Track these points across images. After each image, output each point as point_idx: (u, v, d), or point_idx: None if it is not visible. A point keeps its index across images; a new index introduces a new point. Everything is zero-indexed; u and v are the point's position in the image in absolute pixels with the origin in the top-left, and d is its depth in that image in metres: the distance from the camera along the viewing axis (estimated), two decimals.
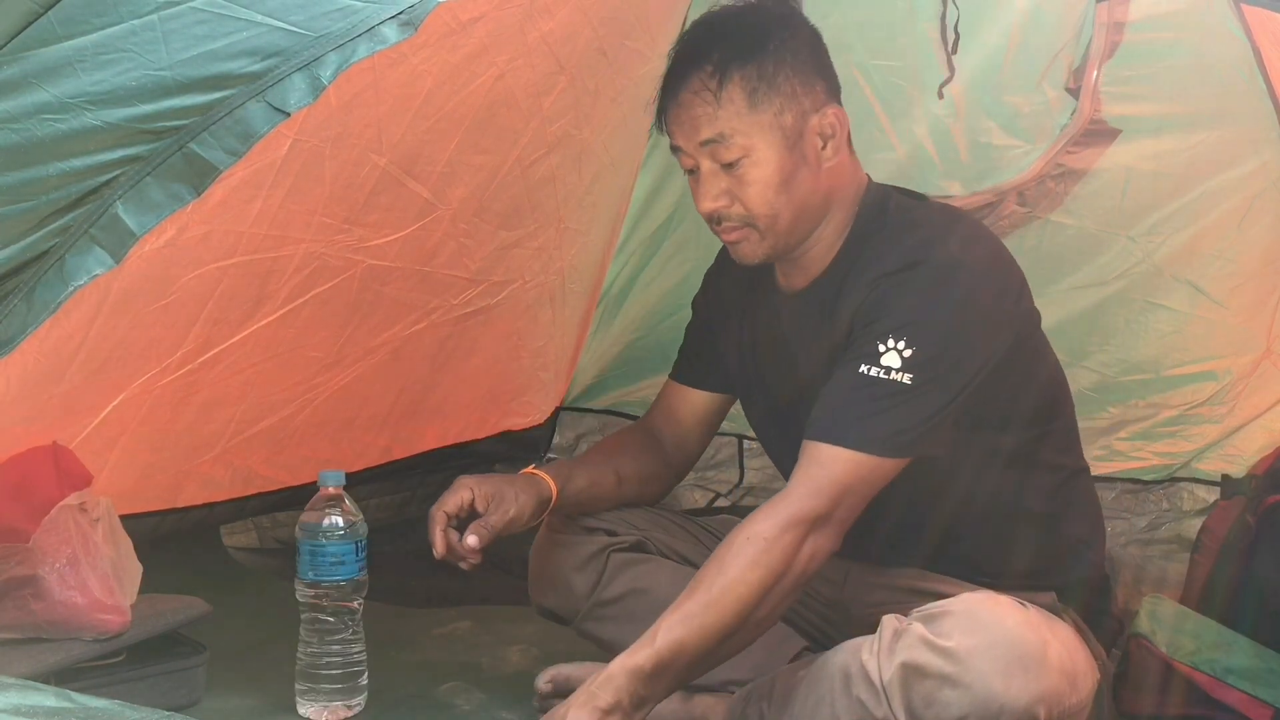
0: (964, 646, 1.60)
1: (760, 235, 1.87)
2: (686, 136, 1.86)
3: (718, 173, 1.84)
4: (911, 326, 1.75)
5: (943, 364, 1.75)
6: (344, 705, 1.93)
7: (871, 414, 1.74)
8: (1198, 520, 2.62)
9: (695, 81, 1.83)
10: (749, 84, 1.81)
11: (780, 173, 1.83)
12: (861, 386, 1.75)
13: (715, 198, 1.85)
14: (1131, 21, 2.58)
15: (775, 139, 1.82)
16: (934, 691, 1.60)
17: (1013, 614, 1.65)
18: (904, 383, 1.73)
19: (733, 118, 1.81)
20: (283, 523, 2.72)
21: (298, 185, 2.07)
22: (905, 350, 1.74)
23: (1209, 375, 2.75)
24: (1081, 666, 1.72)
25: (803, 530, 1.69)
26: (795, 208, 1.85)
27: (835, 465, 1.73)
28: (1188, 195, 2.66)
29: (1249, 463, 2.63)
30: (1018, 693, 1.58)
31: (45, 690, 1.48)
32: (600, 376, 3.30)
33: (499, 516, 1.90)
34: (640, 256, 3.14)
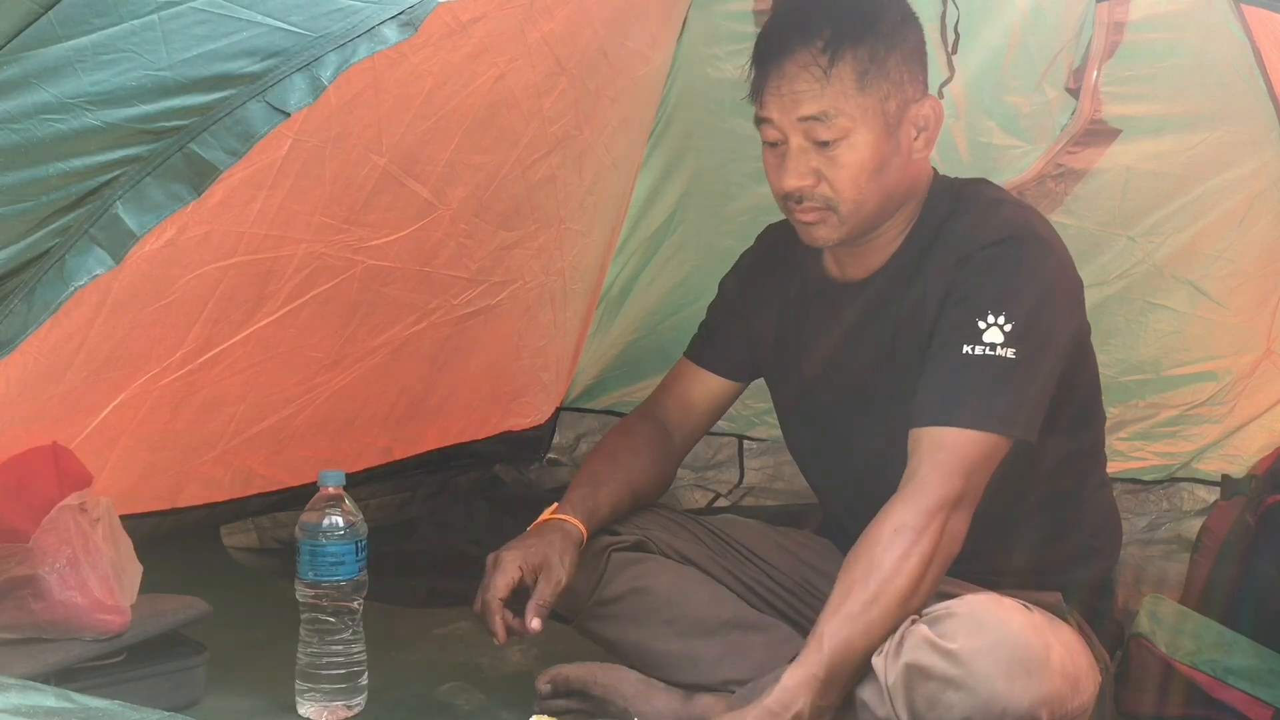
0: (967, 649, 1.60)
1: (840, 220, 1.84)
2: (784, 110, 1.81)
3: (808, 150, 1.81)
4: (1008, 300, 1.75)
5: (1040, 336, 1.76)
6: (344, 705, 1.93)
7: (984, 393, 1.73)
8: (1198, 520, 2.62)
9: (804, 54, 1.78)
10: (861, 65, 1.78)
11: (876, 159, 1.81)
12: (968, 367, 1.74)
13: (802, 175, 1.82)
14: (1132, 21, 2.58)
15: (877, 124, 1.80)
16: (937, 693, 1.59)
17: (1017, 617, 1.64)
18: (1009, 357, 1.73)
19: (839, 97, 1.78)
20: (283, 523, 2.72)
21: (298, 185, 2.07)
22: (1006, 325, 1.74)
23: (1209, 375, 2.75)
24: (1083, 669, 1.72)
25: (943, 517, 1.69)
26: (882, 195, 1.83)
27: (960, 447, 1.72)
28: (1188, 195, 2.66)
29: (1249, 463, 2.63)
30: (1020, 695, 1.58)
31: (45, 690, 1.48)
32: (600, 377, 3.30)
33: (550, 589, 1.86)
34: (640, 257, 3.14)
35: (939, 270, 1.82)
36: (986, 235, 1.80)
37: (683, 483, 3.08)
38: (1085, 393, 1.94)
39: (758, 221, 2.98)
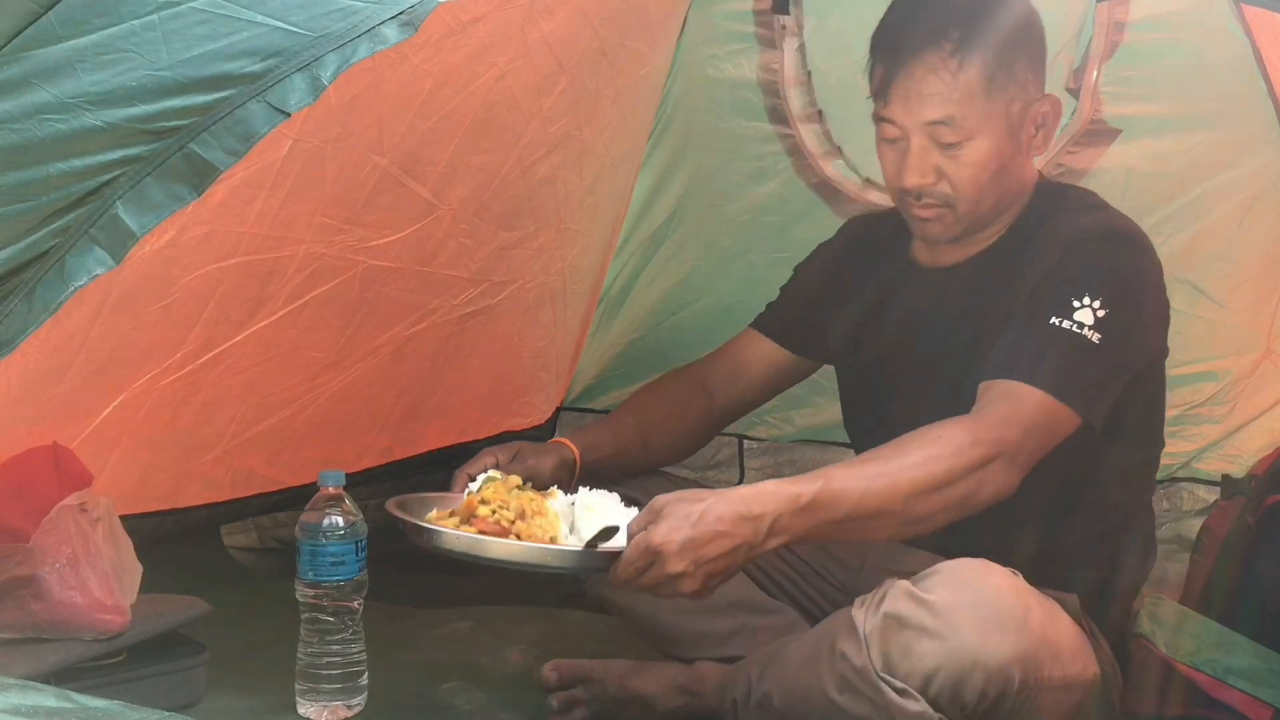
0: (945, 601, 1.60)
1: (956, 218, 1.87)
2: (909, 112, 1.82)
3: (930, 149, 1.83)
4: (1110, 289, 1.76)
5: (1129, 333, 1.77)
6: (344, 705, 1.92)
7: (1062, 364, 1.73)
8: (1198, 520, 2.62)
9: (932, 57, 1.80)
10: (988, 69, 1.79)
11: (997, 159, 1.83)
12: (1053, 337, 1.74)
13: (923, 174, 1.84)
14: (1132, 21, 2.58)
15: (1000, 127, 1.82)
16: (912, 642, 1.59)
17: (998, 577, 1.64)
18: (1093, 341, 1.74)
19: (965, 102, 1.80)
20: (283, 523, 2.72)
21: (298, 185, 2.07)
22: (1100, 310, 1.74)
23: (1209, 375, 2.74)
24: (1070, 645, 1.70)
25: (989, 451, 1.68)
26: (999, 194, 1.87)
27: (1026, 403, 1.72)
28: (1188, 195, 2.66)
29: (1249, 463, 2.63)
30: (993, 650, 1.57)
31: (45, 690, 1.48)
32: (600, 377, 3.30)
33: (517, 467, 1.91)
34: (640, 257, 3.14)
35: (1038, 258, 1.82)
36: (1095, 229, 1.83)
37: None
38: (1150, 409, 1.95)
39: (758, 222, 3.00)
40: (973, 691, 1.57)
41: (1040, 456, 1.73)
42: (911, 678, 1.58)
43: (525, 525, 1.73)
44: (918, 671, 1.58)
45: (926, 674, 1.58)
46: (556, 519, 1.75)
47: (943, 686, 1.57)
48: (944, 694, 1.58)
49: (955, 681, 1.57)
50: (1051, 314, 1.75)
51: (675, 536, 1.59)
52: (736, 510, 1.61)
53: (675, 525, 1.59)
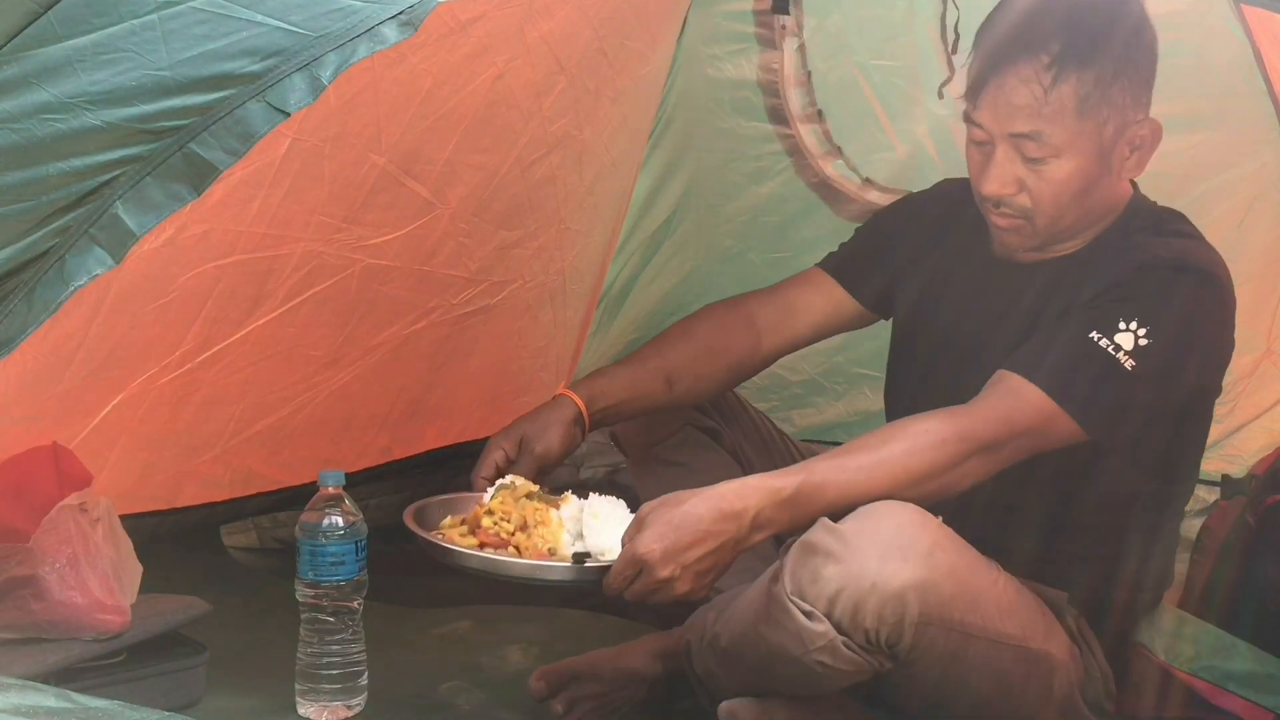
0: (851, 529, 1.63)
1: (1034, 231, 1.84)
2: (997, 120, 1.78)
3: (1014, 160, 1.79)
4: (1160, 321, 1.73)
5: (1170, 370, 1.75)
6: (344, 705, 1.92)
7: (1082, 379, 1.73)
8: (1198, 520, 2.62)
9: (1026, 68, 1.75)
10: (1084, 89, 1.74)
11: (1083, 180, 1.79)
12: (1085, 350, 1.73)
13: (1004, 183, 1.80)
14: None
15: (1090, 148, 1.78)
16: (820, 567, 1.62)
17: (909, 513, 1.66)
18: (1126, 367, 1.72)
19: (1055, 119, 1.75)
20: (283, 523, 2.72)
21: (297, 184, 2.07)
22: (1144, 339, 1.72)
23: None
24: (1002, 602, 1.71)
25: (973, 448, 1.70)
26: (1081, 212, 1.83)
27: (1026, 404, 1.72)
28: (1188, 195, 2.65)
29: (1249, 463, 2.62)
30: (890, 575, 1.60)
31: (45, 690, 1.48)
32: None
33: (528, 460, 1.93)
34: (640, 256, 3.14)
35: (1112, 272, 1.79)
36: (1170, 257, 1.78)
37: None
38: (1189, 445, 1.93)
39: (758, 222, 3.00)
40: (871, 615, 1.60)
41: (1027, 455, 1.75)
42: (819, 601, 1.62)
43: (526, 537, 1.77)
44: (823, 595, 1.61)
45: (830, 597, 1.61)
46: (560, 528, 1.78)
47: (844, 609, 1.61)
48: (845, 617, 1.61)
49: (854, 604, 1.60)
50: (1093, 328, 1.74)
51: (657, 545, 1.63)
52: (718, 508, 1.64)
53: (658, 533, 1.63)
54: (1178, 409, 1.84)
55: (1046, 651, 1.77)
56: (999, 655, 1.71)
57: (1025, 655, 1.74)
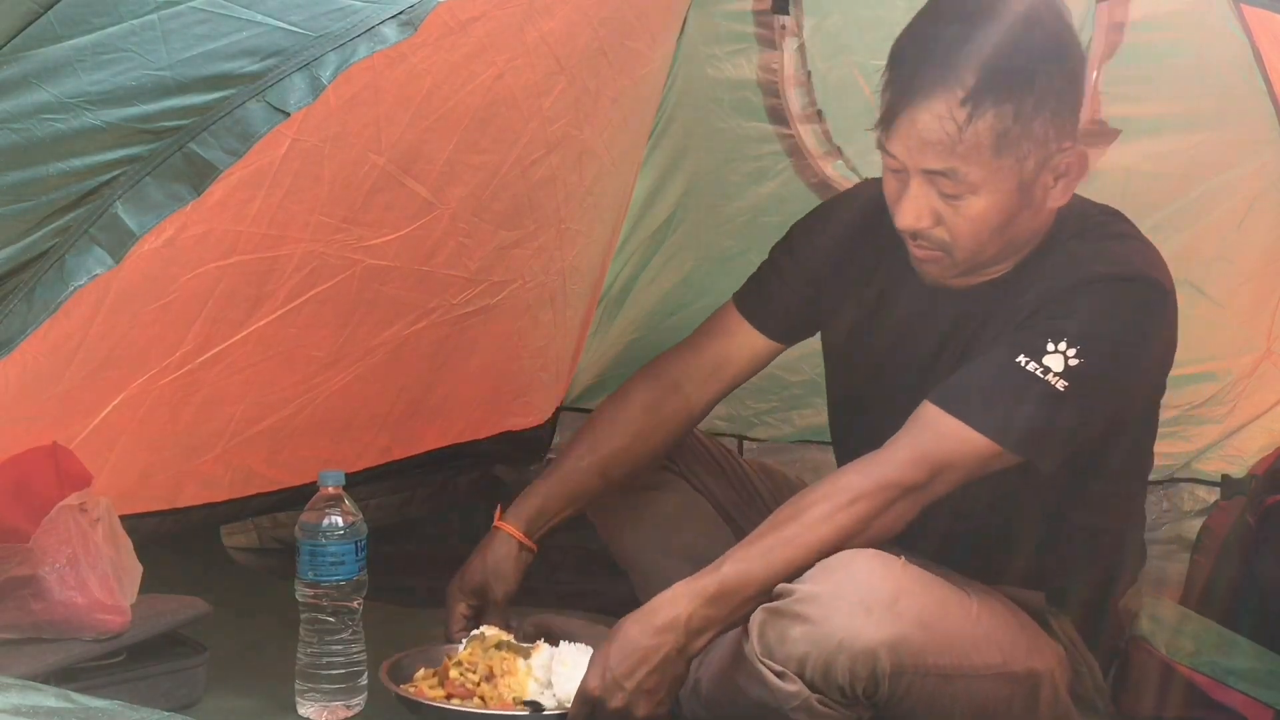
0: (815, 589, 1.63)
1: (954, 263, 1.77)
2: (909, 154, 1.69)
3: (929, 194, 1.71)
4: (1094, 339, 1.68)
5: (1102, 388, 1.70)
6: (344, 705, 1.92)
7: (1011, 405, 1.68)
8: (1198, 520, 2.62)
9: (939, 103, 1.65)
10: (1002, 124, 1.65)
11: (1002, 216, 1.71)
12: (1012, 375, 1.68)
13: (919, 217, 1.72)
14: (1132, 21, 2.57)
15: (1008, 184, 1.69)
16: (786, 629, 1.63)
17: (868, 562, 1.65)
18: (1057, 389, 1.67)
19: (970, 157, 1.66)
20: (283, 523, 2.72)
21: (297, 184, 2.07)
22: (1074, 360, 1.67)
23: (1209, 376, 2.74)
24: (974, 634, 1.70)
25: (893, 494, 1.69)
26: (1003, 244, 1.76)
27: (949, 440, 1.69)
28: (1187, 196, 2.66)
29: (1249, 463, 2.63)
30: (857, 632, 1.60)
31: (45, 690, 1.48)
32: (600, 377, 3.30)
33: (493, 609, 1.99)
34: (640, 257, 3.14)
35: (1041, 290, 1.74)
36: (1105, 270, 1.72)
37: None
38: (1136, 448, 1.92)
39: (757, 222, 3.00)
40: (842, 674, 1.60)
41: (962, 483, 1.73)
42: (789, 662, 1.63)
43: (491, 687, 1.82)
44: (793, 656, 1.62)
45: (799, 658, 1.62)
46: (526, 677, 1.82)
47: (814, 669, 1.61)
48: (817, 676, 1.61)
49: (824, 664, 1.61)
50: (1021, 352, 1.68)
51: (599, 680, 1.65)
52: (650, 625, 1.66)
53: (599, 668, 1.66)
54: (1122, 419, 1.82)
55: (1030, 669, 1.76)
56: (980, 687, 1.71)
57: (1008, 679, 1.74)
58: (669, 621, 1.65)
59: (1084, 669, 1.87)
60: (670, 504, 2.07)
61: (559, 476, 2.02)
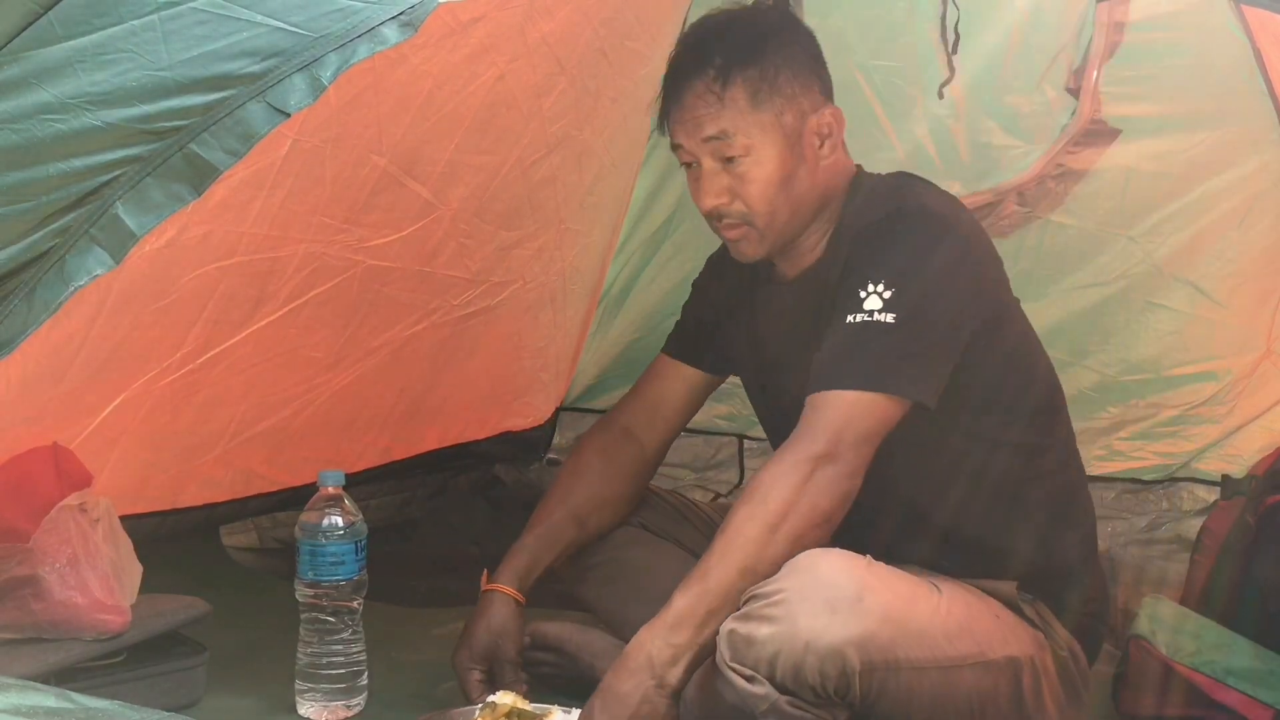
0: (781, 589, 1.65)
1: (759, 234, 1.92)
2: (689, 134, 1.90)
3: (719, 171, 1.90)
4: (889, 269, 1.80)
5: (925, 302, 1.79)
6: (344, 705, 1.93)
7: (858, 354, 1.78)
8: (1198, 520, 2.62)
9: (699, 84, 1.88)
10: (751, 85, 1.87)
11: (780, 170, 1.89)
12: (849, 334, 1.79)
13: (717, 195, 1.90)
14: (1132, 22, 2.58)
15: (776, 138, 1.88)
16: (754, 631, 1.65)
17: (830, 560, 1.68)
18: (887, 321, 1.78)
19: (736, 116, 1.87)
20: (283, 523, 2.72)
21: (298, 185, 2.07)
22: (885, 292, 1.78)
23: (1209, 375, 2.74)
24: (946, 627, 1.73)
25: (804, 470, 1.73)
26: (792, 205, 1.91)
27: (829, 408, 1.77)
28: (1188, 195, 2.66)
29: (1249, 463, 2.62)
30: (823, 631, 1.62)
31: (45, 690, 1.48)
32: (600, 377, 3.30)
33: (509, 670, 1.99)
34: (640, 257, 3.14)
35: (842, 257, 1.89)
36: (874, 213, 1.87)
37: (683, 483, 3.08)
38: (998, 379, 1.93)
39: None
40: (812, 673, 1.63)
41: (872, 448, 1.77)
42: (759, 665, 1.65)
43: None
44: (762, 658, 1.65)
45: (769, 660, 1.64)
46: None
47: (784, 670, 1.64)
48: (788, 678, 1.64)
49: (794, 665, 1.63)
50: (845, 313, 1.80)
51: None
52: (624, 670, 1.71)
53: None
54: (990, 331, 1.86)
55: (1009, 657, 1.78)
56: (958, 679, 1.73)
57: (987, 668, 1.76)
58: (639, 662, 1.70)
59: (1065, 653, 1.88)
60: (639, 557, 2.10)
61: (539, 532, 2.09)
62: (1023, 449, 1.92)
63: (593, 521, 2.11)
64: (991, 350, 1.87)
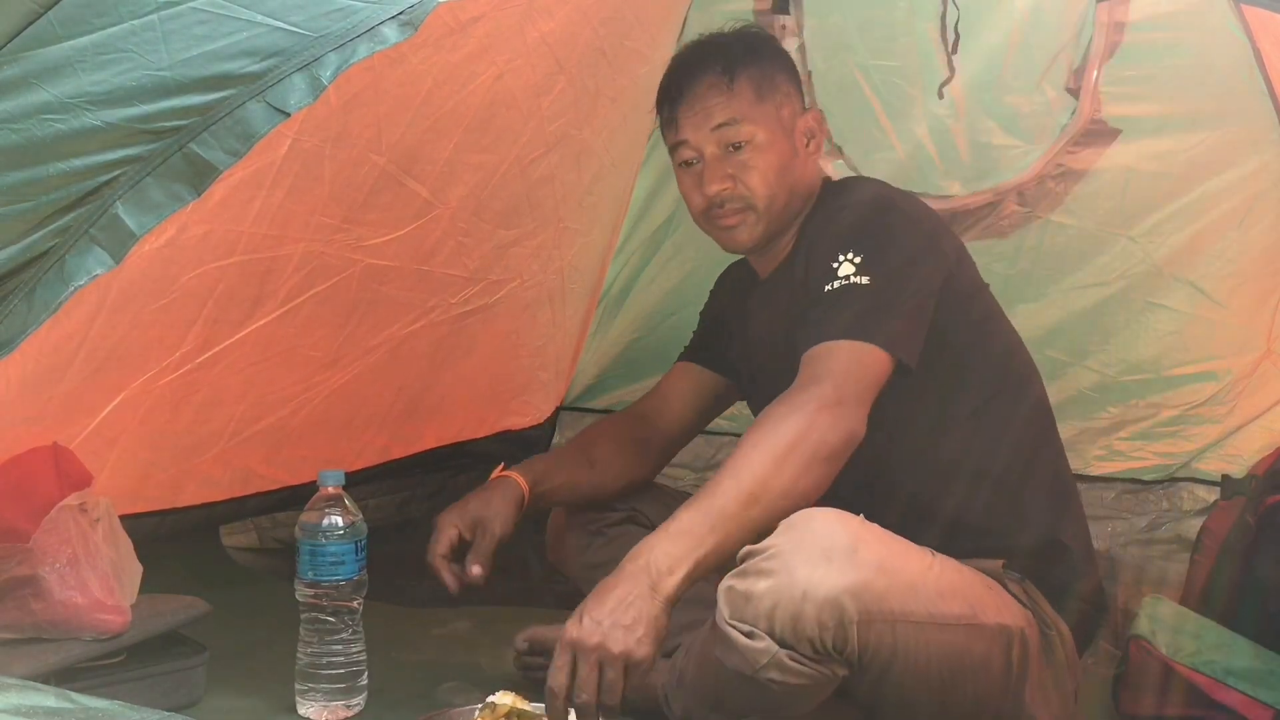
0: (776, 544, 1.68)
1: (757, 218, 2.03)
2: (697, 126, 2.03)
3: (723, 158, 2.02)
4: (857, 239, 1.91)
5: (894, 261, 1.89)
6: (344, 705, 1.93)
7: (844, 311, 1.86)
8: (1198, 520, 2.62)
9: (708, 79, 2.04)
10: (755, 80, 2.04)
11: (780, 158, 2.03)
12: (829, 300, 1.88)
13: (721, 180, 2.02)
14: (1131, 22, 2.58)
15: (776, 129, 2.04)
16: (751, 586, 1.66)
17: (825, 516, 1.70)
18: (864, 283, 1.87)
19: (744, 105, 2.02)
20: (282, 523, 2.72)
21: (297, 185, 2.07)
22: (855, 257, 1.89)
23: (1209, 375, 2.75)
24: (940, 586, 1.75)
25: (811, 407, 1.77)
26: (787, 193, 2.04)
27: (827, 357, 1.83)
28: (1188, 195, 2.66)
29: (1249, 463, 2.62)
30: (820, 580, 1.64)
31: (45, 690, 1.48)
32: (600, 376, 3.30)
33: (489, 541, 2.02)
34: (640, 256, 3.14)
35: (809, 251, 1.99)
36: (836, 203, 2.02)
37: (683, 483, 3.08)
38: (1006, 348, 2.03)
39: None
40: (810, 623, 1.64)
41: (870, 396, 1.82)
42: (758, 620, 1.66)
43: None
44: (760, 612, 1.65)
45: (767, 613, 1.65)
46: None
47: (782, 622, 1.64)
48: (786, 630, 1.65)
49: (792, 615, 1.64)
50: (823, 284, 1.89)
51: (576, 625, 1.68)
52: (621, 571, 1.71)
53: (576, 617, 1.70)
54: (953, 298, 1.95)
55: (1001, 624, 1.80)
56: (951, 637, 1.74)
57: (980, 632, 1.77)
58: (636, 566, 1.70)
59: (1053, 633, 1.88)
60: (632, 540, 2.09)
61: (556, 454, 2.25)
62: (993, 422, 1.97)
63: (603, 471, 2.20)
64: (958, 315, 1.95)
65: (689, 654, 1.88)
